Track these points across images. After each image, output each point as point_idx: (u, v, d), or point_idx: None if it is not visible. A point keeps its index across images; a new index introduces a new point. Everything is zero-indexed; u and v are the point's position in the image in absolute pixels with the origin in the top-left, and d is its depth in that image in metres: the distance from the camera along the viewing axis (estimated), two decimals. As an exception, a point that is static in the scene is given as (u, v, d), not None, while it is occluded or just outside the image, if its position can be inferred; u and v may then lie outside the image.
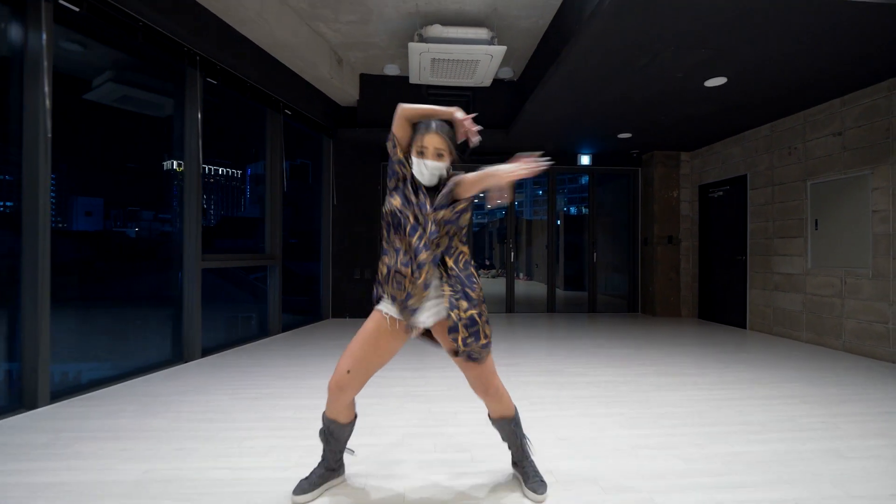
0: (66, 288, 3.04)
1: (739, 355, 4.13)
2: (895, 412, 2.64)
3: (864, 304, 4.08)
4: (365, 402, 2.69)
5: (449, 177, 1.61)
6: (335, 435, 1.68)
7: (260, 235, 5.06)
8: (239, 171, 5.07)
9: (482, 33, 4.20)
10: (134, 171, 4.09)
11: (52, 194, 2.96)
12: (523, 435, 1.76)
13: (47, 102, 2.60)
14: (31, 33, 2.60)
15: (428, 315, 1.59)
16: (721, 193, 6.06)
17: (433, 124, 1.58)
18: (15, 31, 2.62)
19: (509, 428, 1.72)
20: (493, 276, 14.70)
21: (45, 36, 2.59)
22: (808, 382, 3.25)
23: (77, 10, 2.75)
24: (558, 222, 8.50)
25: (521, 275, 13.11)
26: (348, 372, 1.59)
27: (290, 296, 5.32)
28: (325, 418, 1.68)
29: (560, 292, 8.84)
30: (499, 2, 4.11)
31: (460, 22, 4.35)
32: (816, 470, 1.93)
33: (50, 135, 2.61)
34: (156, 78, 4.07)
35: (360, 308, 6.10)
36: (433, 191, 1.61)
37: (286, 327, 5.19)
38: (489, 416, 1.74)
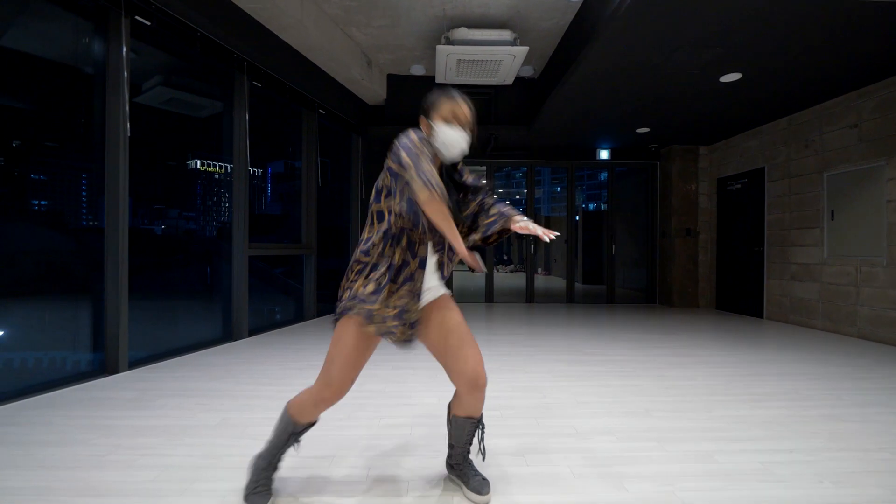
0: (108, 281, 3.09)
1: (753, 340, 4.30)
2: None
3: (879, 292, 4.19)
4: (397, 374, 2.99)
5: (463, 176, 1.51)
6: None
7: (283, 231, 5.38)
8: (259, 170, 5.29)
9: (505, 35, 4.45)
10: (160, 171, 4.20)
11: (84, 194, 3.20)
12: (482, 439, 1.57)
13: (126, 107, 2.97)
14: (112, 46, 2.97)
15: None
16: (739, 186, 6.17)
17: (461, 96, 1.43)
18: (98, 45, 3.00)
19: (472, 429, 1.51)
20: (512, 272, 14.94)
21: (124, 48, 2.96)
22: (816, 363, 3.42)
23: (149, 24, 3.12)
24: (577, 218, 8.68)
25: (540, 269, 13.30)
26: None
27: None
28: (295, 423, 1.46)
29: (580, 286, 9.03)
30: (521, 4, 4.35)
31: (485, 24, 4.61)
32: (814, 429, 2.15)
33: (129, 135, 2.98)
34: (202, 81, 4.40)
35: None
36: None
37: (320, 313, 5.55)
38: (455, 413, 1.50)
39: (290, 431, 1.47)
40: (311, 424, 1.50)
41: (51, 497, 1.52)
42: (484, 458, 1.63)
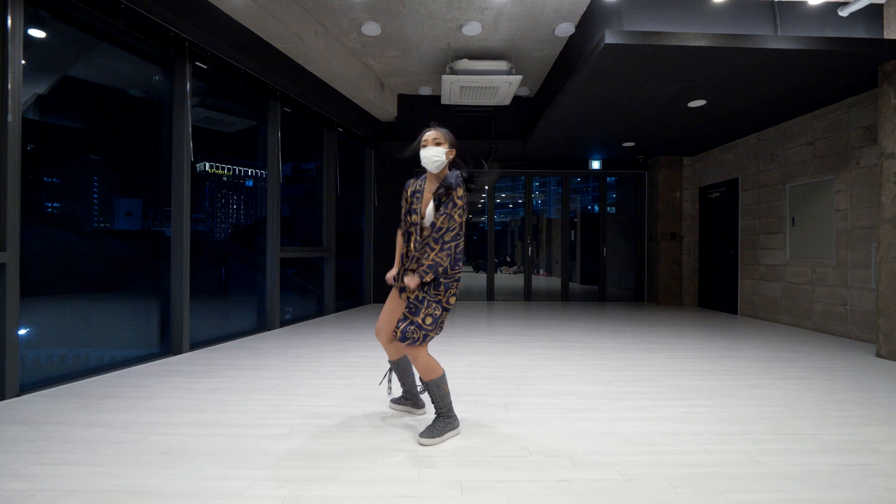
0: (133, 280, 3.52)
1: (720, 333, 4.90)
2: (822, 367, 3.41)
3: (830, 290, 4.78)
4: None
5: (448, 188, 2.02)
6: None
7: (294, 233, 5.98)
8: (265, 173, 5.76)
9: (502, 65, 5.09)
10: (169, 173, 4.05)
11: (95, 196, 3.36)
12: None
13: (190, 132, 3.65)
14: (176, 86, 3.65)
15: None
16: (718, 194, 6.77)
17: (432, 125, 2.11)
18: (164, 84, 3.68)
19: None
20: (515, 273, 15.53)
21: (188, 85, 3.64)
22: (764, 349, 4.02)
23: (206, 67, 3.80)
24: (574, 219, 9.29)
25: (542, 270, 13.90)
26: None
27: (321, 289, 6.07)
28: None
29: (576, 286, 9.64)
30: (517, 38, 4.99)
31: (484, 55, 5.25)
32: (734, 393, 2.76)
33: (192, 158, 3.66)
34: (232, 102, 4.97)
35: (397, 295, 7.07)
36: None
37: (338, 309, 6.21)
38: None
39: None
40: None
41: (171, 427, 2.18)
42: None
